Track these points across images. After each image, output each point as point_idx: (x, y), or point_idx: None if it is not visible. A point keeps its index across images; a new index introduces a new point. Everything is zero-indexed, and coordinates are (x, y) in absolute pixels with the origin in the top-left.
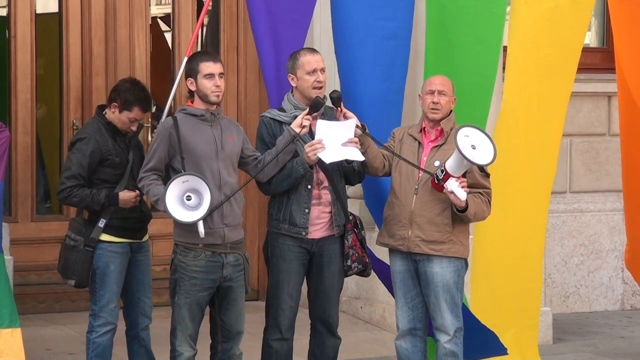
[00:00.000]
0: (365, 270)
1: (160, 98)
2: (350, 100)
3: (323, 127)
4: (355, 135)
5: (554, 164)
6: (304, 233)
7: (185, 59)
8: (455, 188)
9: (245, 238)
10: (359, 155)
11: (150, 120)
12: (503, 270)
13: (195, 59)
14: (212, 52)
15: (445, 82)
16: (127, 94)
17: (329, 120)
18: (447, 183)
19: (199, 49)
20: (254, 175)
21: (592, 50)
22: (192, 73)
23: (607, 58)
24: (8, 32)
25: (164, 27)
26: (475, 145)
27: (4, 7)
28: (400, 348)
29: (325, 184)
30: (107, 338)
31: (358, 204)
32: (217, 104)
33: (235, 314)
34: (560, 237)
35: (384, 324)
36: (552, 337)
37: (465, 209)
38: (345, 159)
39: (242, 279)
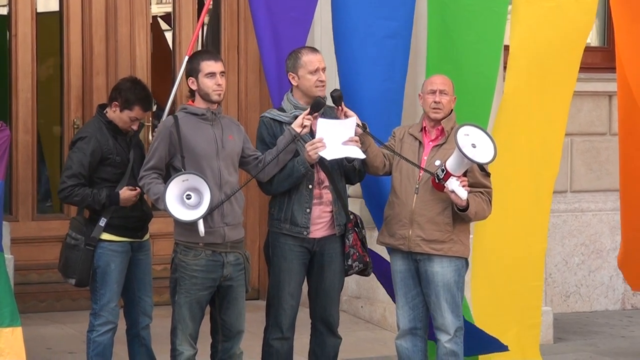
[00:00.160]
0: (366, 270)
1: (161, 97)
2: (351, 100)
3: (324, 125)
4: (356, 134)
5: (556, 164)
6: (306, 233)
7: (186, 58)
8: (456, 187)
9: (246, 237)
10: (360, 153)
11: (151, 120)
12: (503, 270)
13: (197, 58)
14: (213, 51)
15: (446, 81)
16: (128, 93)
17: (330, 119)
18: (447, 182)
19: (200, 48)
20: (255, 175)
21: (592, 50)
22: (193, 72)
23: (607, 57)
24: (9, 31)
25: (165, 26)
26: (476, 144)
27: (5, 6)
28: (401, 347)
29: (326, 184)
30: (107, 337)
31: (358, 203)
32: (218, 103)
33: (236, 313)
34: (561, 236)
35: (385, 324)
36: (552, 336)
37: (466, 208)
38: (346, 157)
39: (242, 278)
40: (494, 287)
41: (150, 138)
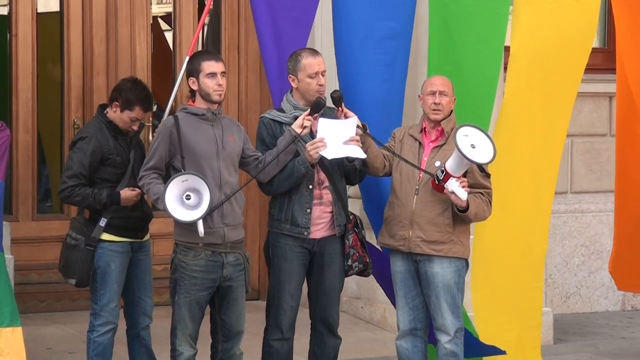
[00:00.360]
0: (366, 270)
1: (161, 97)
2: (351, 100)
3: (324, 125)
4: (356, 134)
5: (557, 165)
6: (306, 233)
7: (187, 58)
8: (456, 188)
9: (246, 238)
10: (361, 153)
11: (152, 120)
12: (503, 271)
13: (197, 58)
14: (213, 51)
15: (446, 82)
16: (128, 93)
17: (331, 119)
18: (447, 183)
19: (200, 48)
20: (255, 176)
21: (593, 51)
22: (194, 72)
23: (608, 58)
24: (9, 31)
25: (165, 26)
26: (475, 145)
27: (5, 5)
28: (401, 348)
29: (326, 184)
30: (107, 337)
31: (358, 204)
32: (218, 103)
33: (236, 314)
34: (561, 237)
35: (385, 324)
36: (552, 337)
37: (466, 209)
38: (347, 157)
39: (242, 279)
40: (494, 287)
41: (151, 138)
